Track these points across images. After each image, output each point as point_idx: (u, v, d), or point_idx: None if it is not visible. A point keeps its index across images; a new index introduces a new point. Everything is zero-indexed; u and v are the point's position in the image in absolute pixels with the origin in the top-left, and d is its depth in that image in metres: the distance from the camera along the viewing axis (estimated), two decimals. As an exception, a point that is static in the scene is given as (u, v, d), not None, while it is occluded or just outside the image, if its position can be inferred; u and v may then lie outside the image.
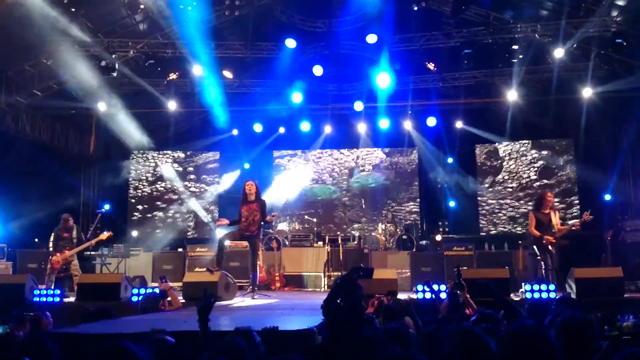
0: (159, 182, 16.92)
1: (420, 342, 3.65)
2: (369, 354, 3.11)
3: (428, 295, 8.35)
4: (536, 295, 8.24)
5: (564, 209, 15.06)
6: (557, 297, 7.56)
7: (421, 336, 4.24)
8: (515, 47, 12.11)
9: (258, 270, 9.91)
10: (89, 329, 4.65)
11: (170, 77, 13.55)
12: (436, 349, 3.31)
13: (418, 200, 16.99)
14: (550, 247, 9.14)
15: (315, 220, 15.11)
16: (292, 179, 17.22)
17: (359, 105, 15.32)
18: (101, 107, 13.92)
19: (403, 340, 3.49)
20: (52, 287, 9.69)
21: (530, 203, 15.64)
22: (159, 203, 16.96)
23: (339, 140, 17.11)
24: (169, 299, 7.72)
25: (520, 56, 12.34)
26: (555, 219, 9.45)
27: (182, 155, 17.29)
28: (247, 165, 17.10)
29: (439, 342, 3.73)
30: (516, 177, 16.30)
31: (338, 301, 4.48)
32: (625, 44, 11.06)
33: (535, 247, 9.48)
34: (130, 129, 14.72)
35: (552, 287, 8.34)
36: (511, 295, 8.74)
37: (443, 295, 7.24)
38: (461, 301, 6.13)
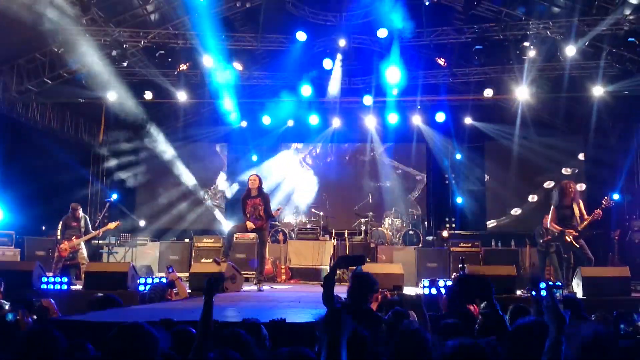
0: (167, 173, 16.95)
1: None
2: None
3: (434, 291, 8.33)
4: (543, 293, 8.20)
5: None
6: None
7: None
8: (526, 44, 12.03)
9: (265, 262, 9.94)
10: (97, 317, 4.68)
11: (181, 68, 13.55)
12: None
13: (425, 195, 16.98)
14: (574, 242, 8.83)
15: (322, 213, 15.12)
16: (299, 172, 17.24)
17: (368, 100, 15.29)
18: (111, 96, 13.96)
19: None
20: (60, 275, 9.78)
21: (536, 199, 15.66)
22: (166, 193, 17.00)
23: (347, 134, 17.08)
24: (175, 289, 7.75)
25: (532, 53, 12.26)
26: (580, 209, 8.96)
27: (191, 145, 17.30)
28: (255, 158, 17.13)
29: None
30: (525, 174, 16.22)
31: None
32: (637, 42, 10.97)
33: (559, 244, 9.23)
34: (139, 119, 14.78)
35: (558, 284, 8.32)
36: (518, 292, 8.72)
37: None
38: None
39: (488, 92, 14.14)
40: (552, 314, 2.68)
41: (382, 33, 12.88)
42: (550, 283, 8.47)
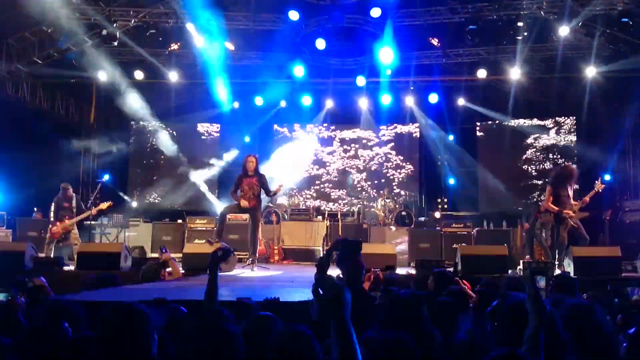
0: (159, 153, 16.87)
1: None
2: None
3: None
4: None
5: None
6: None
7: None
8: (520, 24, 11.98)
9: (258, 243, 9.94)
10: (91, 297, 4.67)
11: (172, 48, 13.40)
12: None
13: (418, 176, 17.00)
14: (571, 222, 8.93)
15: (314, 194, 15.12)
16: (292, 153, 17.19)
17: (361, 80, 15.22)
18: (101, 76, 13.82)
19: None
20: (52, 256, 9.78)
21: (529, 181, 15.72)
22: (158, 174, 16.93)
23: (340, 115, 17.05)
24: (169, 269, 7.76)
25: (525, 33, 12.21)
26: (571, 192, 9.13)
27: (182, 126, 17.21)
28: (247, 139, 17.05)
29: None
30: (517, 155, 16.26)
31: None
32: (631, 23, 10.96)
33: (554, 224, 9.31)
34: (130, 99, 14.65)
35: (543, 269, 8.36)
36: (509, 272, 8.78)
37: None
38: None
39: (482, 73, 14.11)
40: (533, 302, 2.66)
41: (375, 12, 12.78)
42: (535, 267, 8.45)
